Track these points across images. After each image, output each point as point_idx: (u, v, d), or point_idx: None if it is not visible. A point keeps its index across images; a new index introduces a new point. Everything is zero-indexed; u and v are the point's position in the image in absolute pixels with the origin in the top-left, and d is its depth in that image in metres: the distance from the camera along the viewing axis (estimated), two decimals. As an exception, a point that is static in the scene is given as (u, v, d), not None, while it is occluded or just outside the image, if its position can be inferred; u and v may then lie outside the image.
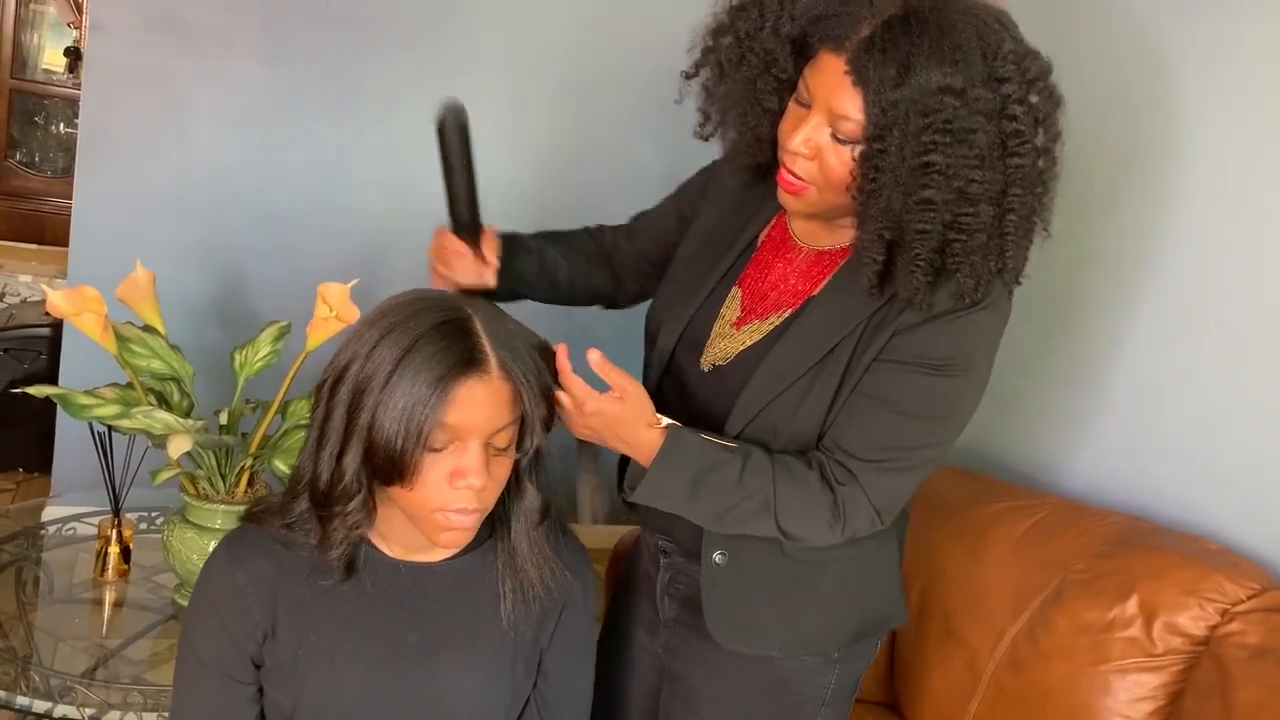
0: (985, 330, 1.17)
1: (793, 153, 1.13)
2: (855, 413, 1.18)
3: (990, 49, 1.05)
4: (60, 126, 4.71)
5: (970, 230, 1.07)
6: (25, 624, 1.69)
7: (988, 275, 1.11)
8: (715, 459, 1.16)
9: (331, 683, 1.10)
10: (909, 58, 1.03)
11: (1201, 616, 1.53)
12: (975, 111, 1.03)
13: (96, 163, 2.72)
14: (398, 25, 2.84)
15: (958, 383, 1.16)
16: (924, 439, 1.18)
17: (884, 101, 1.04)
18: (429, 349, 1.01)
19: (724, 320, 1.28)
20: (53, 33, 4.69)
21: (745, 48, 1.18)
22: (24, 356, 3.39)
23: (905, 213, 1.07)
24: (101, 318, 1.59)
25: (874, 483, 1.17)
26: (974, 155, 1.04)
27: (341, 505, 1.06)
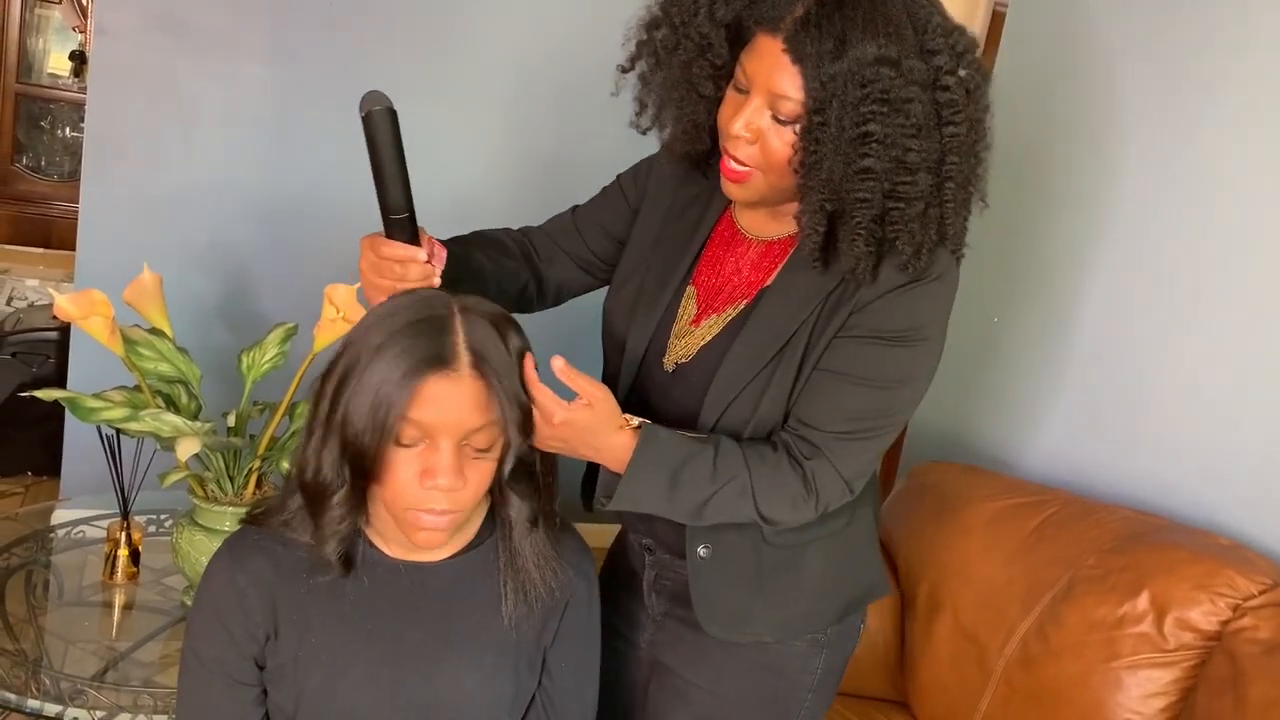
0: (938, 300, 1.20)
1: (735, 137, 1.15)
2: (818, 389, 1.20)
3: (920, 23, 1.09)
4: (66, 130, 4.72)
5: (908, 199, 1.10)
6: (35, 627, 1.69)
7: (928, 243, 1.14)
8: (688, 451, 1.17)
9: (333, 683, 1.10)
10: (844, 31, 1.06)
11: (1213, 612, 1.53)
12: (910, 82, 1.07)
13: (103, 166, 2.72)
14: (401, 26, 2.85)
15: (915, 351, 1.20)
16: (885, 407, 1.21)
17: (823, 75, 1.07)
18: (402, 343, 1.01)
19: (682, 320, 1.30)
20: (58, 37, 4.70)
21: (681, 34, 1.20)
22: (32, 360, 3.39)
23: (845, 182, 1.10)
24: (109, 321, 1.59)
25: (841, 454, 1.20)
26: (910, 124, 1.07)
27: (325, 500, 1.07)
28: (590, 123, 3.04)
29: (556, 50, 2.97)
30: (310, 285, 1.95)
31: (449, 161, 2.97)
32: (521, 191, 3.03)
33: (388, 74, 2.86)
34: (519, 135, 3.02)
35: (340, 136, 2.87)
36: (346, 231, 2.90)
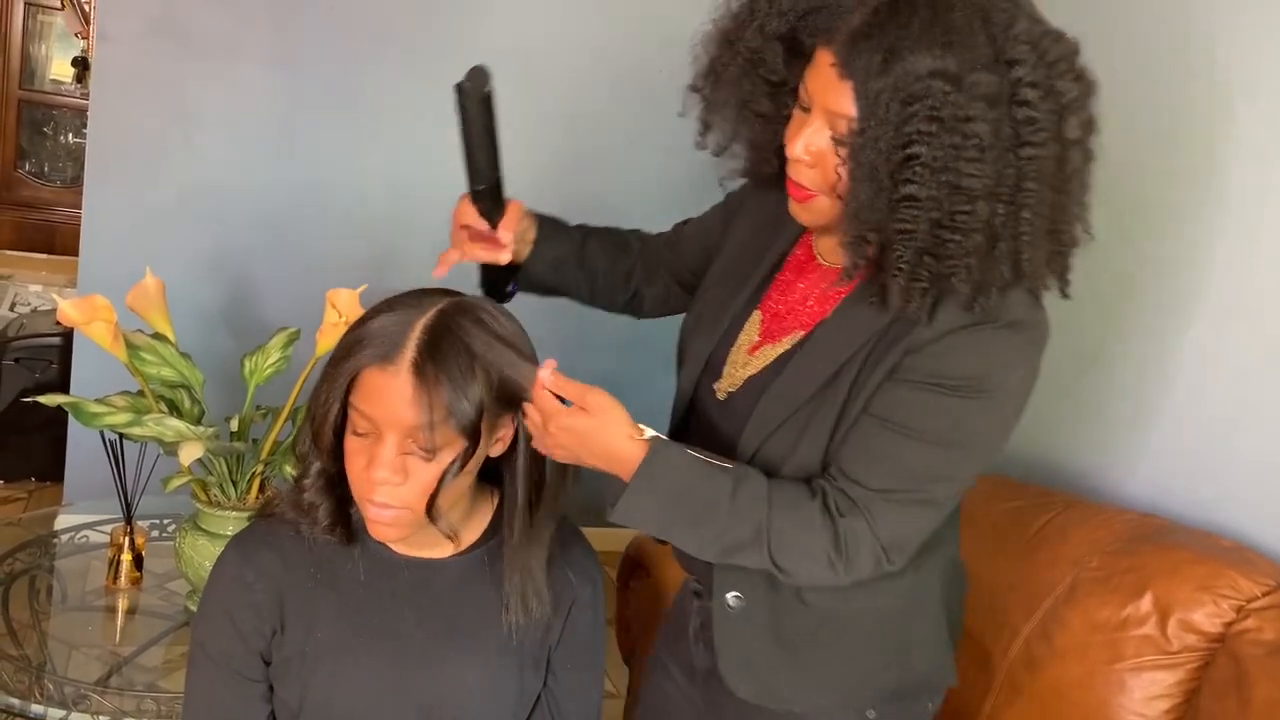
0: (1010, 348, 1.05)
1: (794, 160, 1.07)
2: (863, 436, 1.08)
3: (998, 29, 0.97)
4: (69, 136, 4.73)
5: (965, 230, 0.98)
6: (39, 632, 1.69)
7: (997, 282, 1.01)
8: (701, 477, 1.08)
9: (338, 679, 1.11)
10: (896, 42, 0.96)
11: (1216, 613, 1.53)
12: (975, 97, 0.95)
13: (105, 171, 2.73)
14: (403, 30, 2.85)
15: (978, 405, 1.05)
16: (939, 469, 1.07)
17: (869, 91, 0.98)
18: (364, 334, 1.02)
19: (740, 346, 1.21)
20: (60, 43, 4.71)
21: (734, 51, 1.13)
22: (35, 366, 3.40)
23: (888, 211, 0.99)
24: (112, 326, 1.59)
25: (881, 515, 1.06)
26: (970, 146, 0.95)
27: (305, 471, 1.10)
28: (592, 127, 3.05)
29: (559, 55, 2.98)
30: (313, 290, 1.95)
31: (451, 165, 2.96)
32: (526, 195, 3.03)
33: (388, 79, 2.87)
34: (521, 140, 3.02)
35: (343, 141, 2.88)
36: (349, 236, 2.93)
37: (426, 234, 3.03)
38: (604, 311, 1.47)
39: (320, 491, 1.10)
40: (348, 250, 2.92)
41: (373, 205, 2.94)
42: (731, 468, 1.10)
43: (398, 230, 2.97)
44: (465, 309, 1.06)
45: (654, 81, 3.04)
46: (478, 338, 1.03)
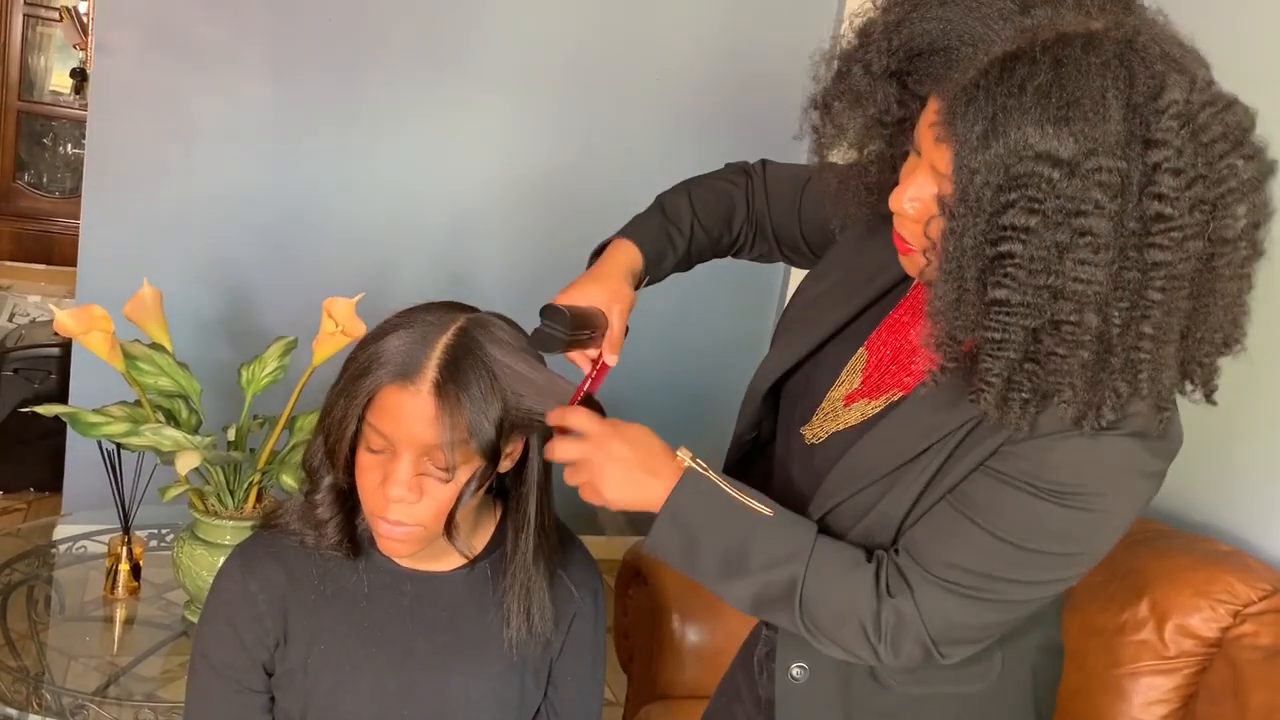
0: (1127, 462, 0.90)
1: (896, 213, 0.93)
2: (938, 518, 0.97)
3: (1141, 98, 0.80)
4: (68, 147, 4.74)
5: (1070, 342, 0.82)
6: (37, 642, 1.69)
7: (1108, 401, 0.85)
8: (735, 515, 0.99)
9: (341, 690, 1.11)
10: (1001, 110, 0.81)
11: (1213, 618, 1.53)
12: (1093, 185, 0.79)
13: (103, 182, 2.74)
14: (401, 41, 2.86)
15: (1075, 516, 0.91)
16: (1012, 571, 0.94)
17: (965, 166, 0.82)
18: (384, 348, 1.02)
19: (839, 389, 1.09)
20: (59, 55, 4.72)
21: (845, 85, 1.00)
22: (34, 376, 3.40)
23: (977, 314, 0.84)
24: (109, 336, 1.60)
25: (934, 604, 0.95)
26: (1082, 245, 0.80)
27: (316, 486, 1.09)
28: (590, 136, 3.06)
29: (560, 61, 2.99)
30: (310, 299, 1.95)
31: (448, 175, 2.98)
32: (521, 205, 3.05)
33: (387, 89, 2.88)
34: (521, 148, 3.03)
35: (340, 151, 2.88)
36: (345, 246, 2.94)
37: (424, 243, 3.05)
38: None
39: (331, 506, 1.10)
40: (344, 260, 2.93)
41: (370, 215, 2.94)
42: (772, 516, 1.00)
43: (395, 240, 2.97)
44: (484, 326, 1.05)
45: (649, 88, 3.07)
46: (498, 358, 1.03)
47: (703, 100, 3.10)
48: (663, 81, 3.07)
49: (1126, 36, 0.82)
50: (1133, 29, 0.82)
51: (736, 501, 1.00)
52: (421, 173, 2.96)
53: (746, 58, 3.09)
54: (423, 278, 2.99)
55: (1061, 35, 0.82)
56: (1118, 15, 0.85)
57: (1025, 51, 0.82)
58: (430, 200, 2.99)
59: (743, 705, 1.26)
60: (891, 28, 0.93)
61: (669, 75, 3.07)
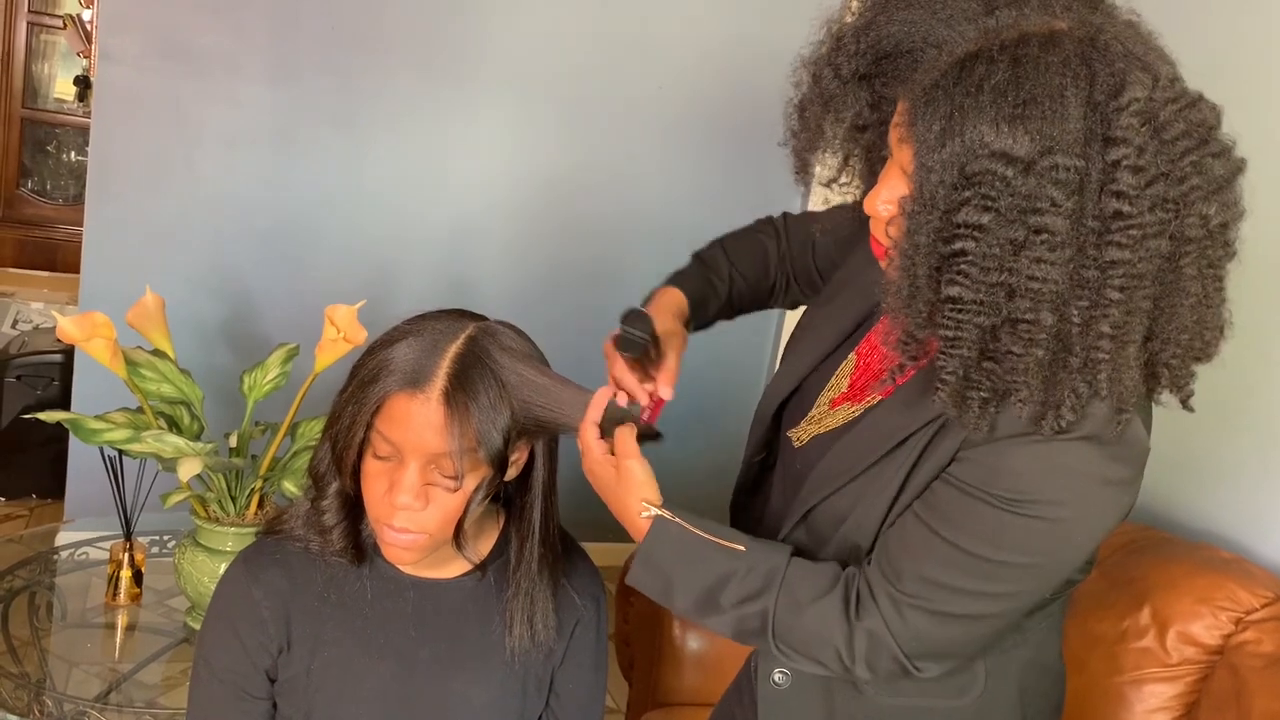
0: (1085, 467, 0.87)
1: (870, 215, 0.93)
2: (906, 530, 0.96)
3: (1101, 94, 0.79)
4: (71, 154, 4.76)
5: (1025, 340, 0.81)
6: (38, 649, 1.69)
7: (1067, 401, 0.83)
8: (704, 561, 1.00)
9: (343, 697, 1.11)
10: (957, 108, 0.81)
11: (1215, 625, 1.53)
12: (1051, 182, 0.78)
13: (106, 189, 2.74)
14: (403, 47, 2.87)
15: (1033, 525, 0.89)
16: (978, 584, 0.92)
17: (923, 165, 0.82)
18: (393, 355, 1.02)
19: (827, 394, 1.11)
20: (63, 62, 4.74)
21: (815, 89, 1.00)
22: (36, 383, 3.40)
23: (931, 310, 0.84)
24: (111, 343, 1.60)
25: (904, 622, 0.94)
26: (1038, 243, 0.79)
27: (323, 491, 1.09)
28: (592, 145, 3.06)
29: (563, 68, 2.99)
30: (312, 306, 1.96)
31: (451, 182, 2.98)
32: (522, 212, 3.05)
33: (389, 95, 2.88)
34: (522, 156, 3.04)
35: (342, 158, 2.89)
36: (348, 253, 2.95)
37: (425, 250, 3.06)
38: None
39: (337, 512, 1.10)
40: (346, 266, 2.93)
41: (372, 221, 2.95)
42: (744, 550, 1.00)
43: (397, 246, 2.98)
44: (492, 335, 1.06)
45: (651, 97, 3.07)
46: (507, 367, 1.04)
47: (704, 109, 3.10)
48: (665, 90, 3.07)
49: (1089, 34, 0.81)
50: (1096, 27, 0.82)
51: (707, 541, 1.01)
52: (423, 180, 2.97)
53: (748, 67, 3.09)
54: (424, 284, 2.99)
55: (1023, 35, 0.82)
56: (1082, 14, 0.84)
57: (985, 51, 0.82)
58: (432, 207, 3.00)
59: (743, 708, 1.26)
60: (859, 31, 0.93)
61: (671, 84, 3.08)
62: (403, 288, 2.94)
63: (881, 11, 0.91)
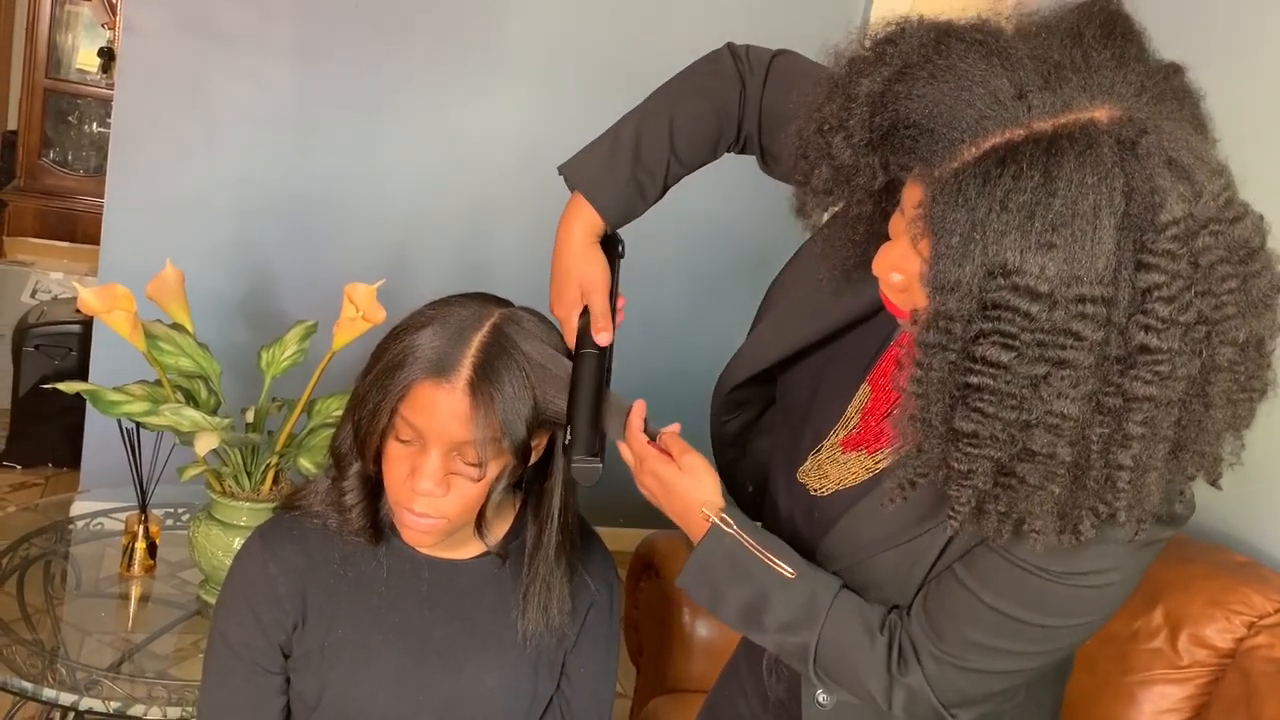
0: (1131, 547, 0.85)
1: (880, 279, 0.88)
2: (949, 594, 0.93)
3: (1137, 213, 0.71)
4: (93, 126, 4.76)
5: (1043, 473, 0.76)
6: (52, 617, 1.71)
7: (1086, 520, 0.79)
8: (755, 576, 0.98)
9: (357, 675, 1.11)
10: (979, 227, 0.72)
11: (1228, 629, 1.52)
12: (1076, 316, 0.71)
13: (128, 162, 2.75)
14: (426, 28, 2.86)
15: (1082, 594, 0.88)
16: (1021, 645, 0.92)
17: (939, 282, 0.75)
18: (419, 341, 1.02)
19: (840, 429, 1.05)
20: (87, 33, 4.74)
21: (822, 148, 0.89)
22: (55, 353, 3.42)
23: (944, 443, 0.78)
24: (131, 315, 1.60)
25: (944, 677, 0.94)
26: (1061, 378, 0.73)
27: (344, 472, 1.09)
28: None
29: (582, 51, 2.99)
30: (331, 284, 1.96)
31: (469, 164, 2.98)
32: (540, 195, 3.03)
33: (410, 76, 2.88)
34: (541, 138, 3.03)
35: (362, 137, 2.89)
36: (367, 231, 2.95)
37: (445, 229, 3.06)
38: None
39: (357, 492, 1.10)
40: (366, 244, 2.94)
41: (392, 200, 2.95)
42: (794, 578, 0.98)
43: (416, 225, 2.98)
44: (517, 322, 1.06)
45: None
46: (532, 355, 1.04)
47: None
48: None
49: (1130, 138, 0.73)
50: (1139, 128, 0.73)
51: (760, 560, 0.99)
52: (443, 161, 2.97)
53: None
54: (442, 265, 2.99)
55: (1058, 132, 0.73)
56: (1128, 99, 0.75)
57: (1015, 153, 0.73)
58: (451, 189, 3.00)
59: (748, 702, 1.26)
60: (875, 99, 0.83)
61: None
62: (421, 267, 2.95)
63: (899, 81, 0.81)
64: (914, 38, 0.82)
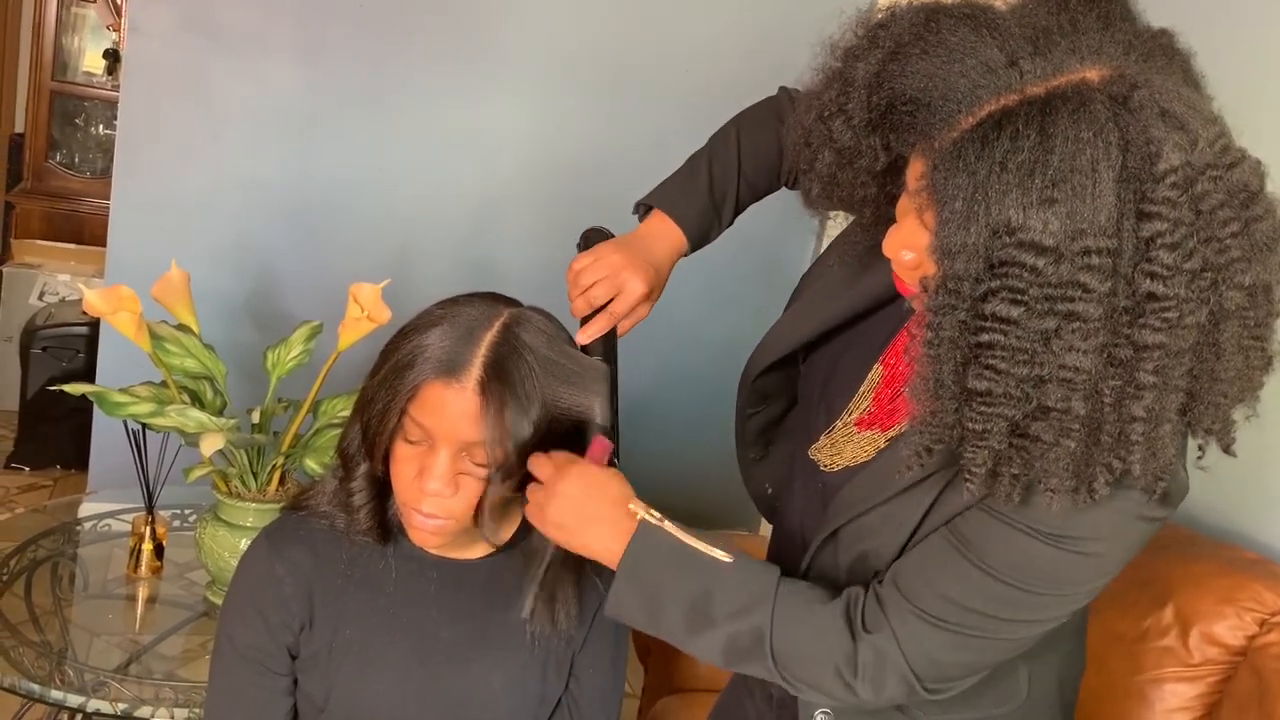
0: (1127, 507, 0.85)
1: (891, 259, 0.89)
2: (930, 549, 0.93)
3: (1135, 164, 0.73)
4: (99, 128, 4.77)
5: (1057, 429, 0.77)
6: (60, 619, 1.71)
7: (1101, 476, 0.79)
8: (692, 570, 0.96)
9: (364, 676, 1.11)
10: (981, 189, 0.74)
11: (1239, 626, 1.51)
12: (1083, 268, 0.73)
13: (134, 163, 2.75)
14: (431, 27, 2.86)
15: (1070, 559, 0.87)
16: (1001, 609, 0.90)
17: (945, 247, 0.77)
18: (429, 341, 1.01)
19: (853, 409, 1.05)
20: (93, 35, 4.75)
21: (824, 134, 0.91)
22: (62, 355, 3.43)
23: (957, 404, 0.79)
24: (137, 317, 1.60)
25: (917, 639, 0.91)
26: (1071, 331, 0.74)
27: (352, 473, 1.09)
28: (618, 129, 3.05)
29: (588, 50, 2.98)
30: (336, 284, 1.96)
31: (474, 164, 2.98)
32: (546, 195, 3.04)
33: (415, 76, 2.88)
34: (546, 138, 3.03)
35: (367, 138, 2.89)
36: (372, 231, 2.95)
37: (450, 229, 3.05)
38: None
39: (365, 493, 1.10)
40: (371, 245, 2.93)
41: (397, 200, 2.95)
42: (732, 560, 0.97)
43: (421, 225, 2.98)
44: (527, 322, 1.05)
45: (677, 80, 3.05)
46: (542, 355, 1.03)
47: (731, 93, 3.06)
48: (690, 73, 3.05)
49: (1122, 93, 0.74)
50: (1130, 83, 0.75)
51: (695, 551, 0.97)
52: (448, 161, 2.96)
53: (776, 50, 3.07)
54: (447, 265, 2.99)
55: (1050, 94, 0.75)
56: (1116, 57, 0.77)
57: (1010, 116, 0.75)
58: (456, 189, 2.99)
59: (754, 701, 1.25)
60: (871, 81, 0.84)
61: (698, 68, 3.06)
62: (426, 267, 2.94)
63: (893, 60, 0.82)
64: (904, 19, 0.84)
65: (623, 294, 1.16)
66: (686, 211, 1.22)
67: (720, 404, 3.42)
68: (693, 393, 3.14)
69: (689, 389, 3.15)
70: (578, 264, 1.18)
